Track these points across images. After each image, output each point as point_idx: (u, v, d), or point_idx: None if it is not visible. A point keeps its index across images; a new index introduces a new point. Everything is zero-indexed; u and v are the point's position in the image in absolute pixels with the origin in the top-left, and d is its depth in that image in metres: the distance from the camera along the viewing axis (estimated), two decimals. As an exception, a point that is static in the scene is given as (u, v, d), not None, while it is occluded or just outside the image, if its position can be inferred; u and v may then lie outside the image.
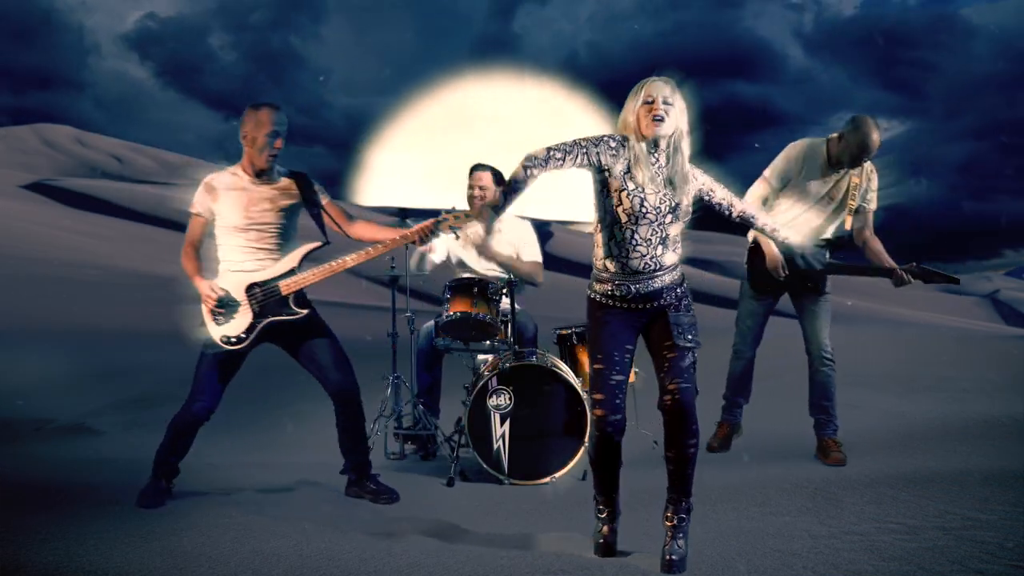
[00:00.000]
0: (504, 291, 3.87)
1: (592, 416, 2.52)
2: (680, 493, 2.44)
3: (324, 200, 3.36)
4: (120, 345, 8.77)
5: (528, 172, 2.36)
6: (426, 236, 3.21)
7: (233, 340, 3.21)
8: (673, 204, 2.44)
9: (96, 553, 2.52)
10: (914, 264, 3.69)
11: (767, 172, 3.87)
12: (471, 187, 4.25)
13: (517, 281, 3.98)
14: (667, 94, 2.41)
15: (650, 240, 2.44)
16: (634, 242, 2.44)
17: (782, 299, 4.04)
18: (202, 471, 3.75)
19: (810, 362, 3.90)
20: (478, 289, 3.82)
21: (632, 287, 2.46)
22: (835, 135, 3.77)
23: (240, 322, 3.22)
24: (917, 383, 6.14)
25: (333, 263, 3.23)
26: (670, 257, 2.48)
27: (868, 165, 3.83)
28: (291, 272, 3.24)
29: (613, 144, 2.43)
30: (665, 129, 2.40)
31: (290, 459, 4.30)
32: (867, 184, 3.83)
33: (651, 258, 2.44)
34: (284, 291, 3.23)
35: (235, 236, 3.25)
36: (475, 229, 4.27)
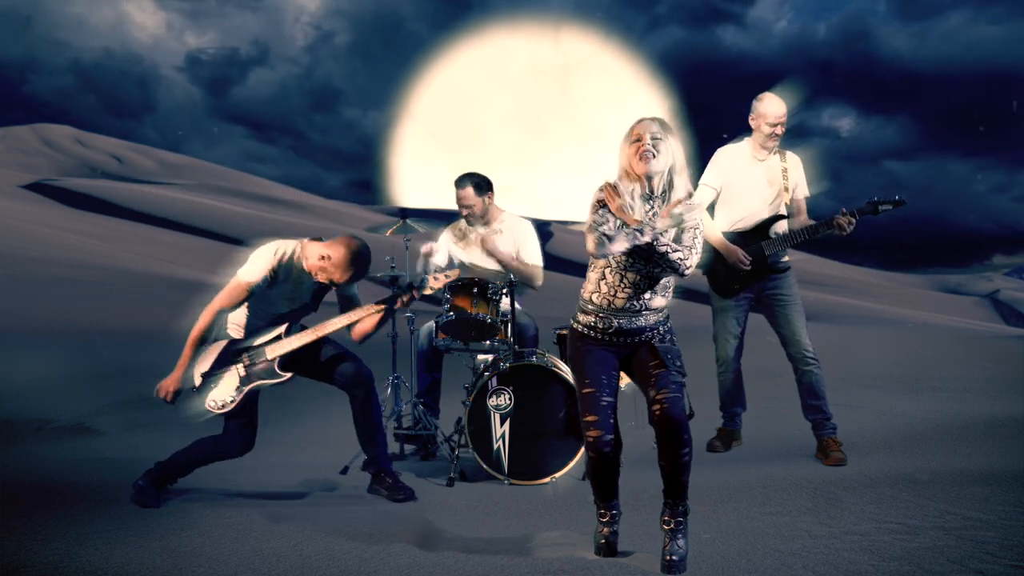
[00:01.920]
0: (504, 291, 3.87)
1: (587, 438, 2.51)
2: (676, 498, 2.44)
3: (348, 294, 3.43)
4: (120, 345, 8.76)
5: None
6: (385, 316, 3.33)
7: (219, 406, 3.24)
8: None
9: (96, 553, 2.52)
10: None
11: (704, 178, 4.06)
12: (459, 205, 4.31)
13: (517, 282, 3.98)
14: (654, 131, 2.40)
15: (638, 284, 2.45)
16: (622, 285, 2.46)
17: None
18: (202, 471, 3.75)
19: (794, 365, 3.91)
20: (478, 289, 3.82)
21: (615, 321, 2.48)
22: (750, 124, 3.99)
23: (227, 386, 3.24)
24: (917, 383, 6.14)
25: (320, 326, 3.29)
26: (658, 301, 2.48)
27: (792, 155, 4.04)
28: (277, 337, 3.28)
29: (603, 209, 2.45)
30: (655, 166, 2.40)
31: (290, 459, 4.29)
32: (795, 171, 4.03)
33: (637, 300, 2.46)
34: (270, 355, 3.26)
35: (272, 318, 3.30)
36: (481, 231, 4.30)
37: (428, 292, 3.37)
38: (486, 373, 3.77)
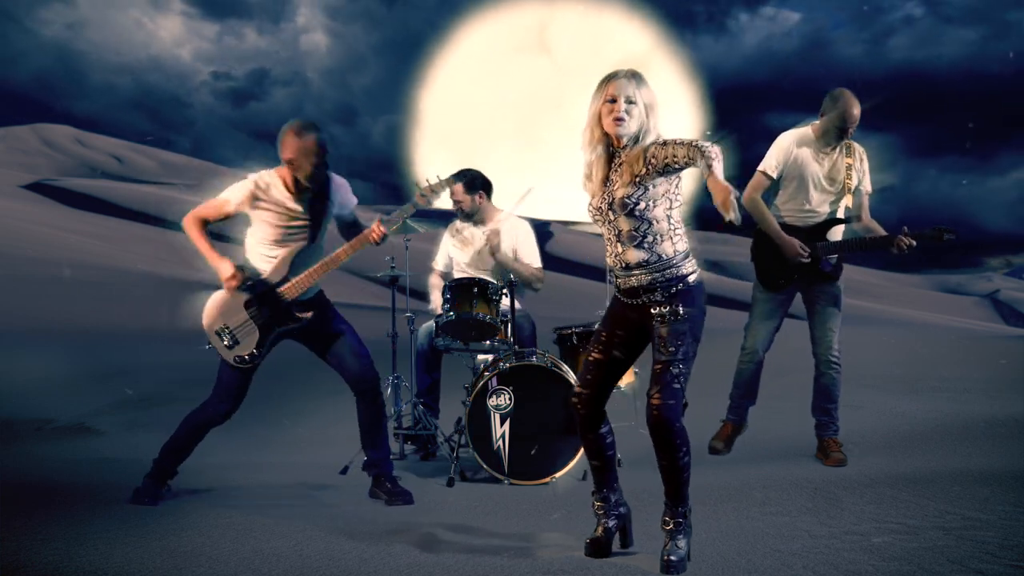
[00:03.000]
0: (504, 291, 3.87)
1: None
2: (675, 500, 2.42)
3: (349, 220, 3.39)
4: (120, 345, 8.76)
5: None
6: (401, 226, 3.30)
7: (247, 359, 3.23)
8: (609, 200, 2.41)
9: (96, 553, 2.52)
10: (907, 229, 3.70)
11: (762, 166, 3.91)
12: (452, 200, 4.34)
13: (517, 281, 3.98)
14: (630, 93, 2.36)
15: (610, 239, 2.45)
16: (605, 241, 2.48)
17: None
18: (202, 471, 3.75)
19: (816, 364, 3.88)
20: (478, 289, 3.82)
21: (617, 279, 2.49)
22: (819, 118, 3.84)
23: (250, 340, 3.23)
24: (917, 383, 6.14)
25: (324, 260, 3.24)
26: (634, 254, 2.39)
27: (858, 148, 3.90)
28: (284, 279, 3.24)
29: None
30: (626, 129, 2.37)
31: (290, 459, 4.30)
32: (860, 165, 3.89)
33: (616, 256, 2.45)
34: (285, 299, 3.24)
35: (269, 247, 3.26)
36: (480, 231, 4.31)
37: (421, 203, 3.33)
38: (486, 373, 3.77)
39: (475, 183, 4.28)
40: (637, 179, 2.35)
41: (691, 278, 2.41)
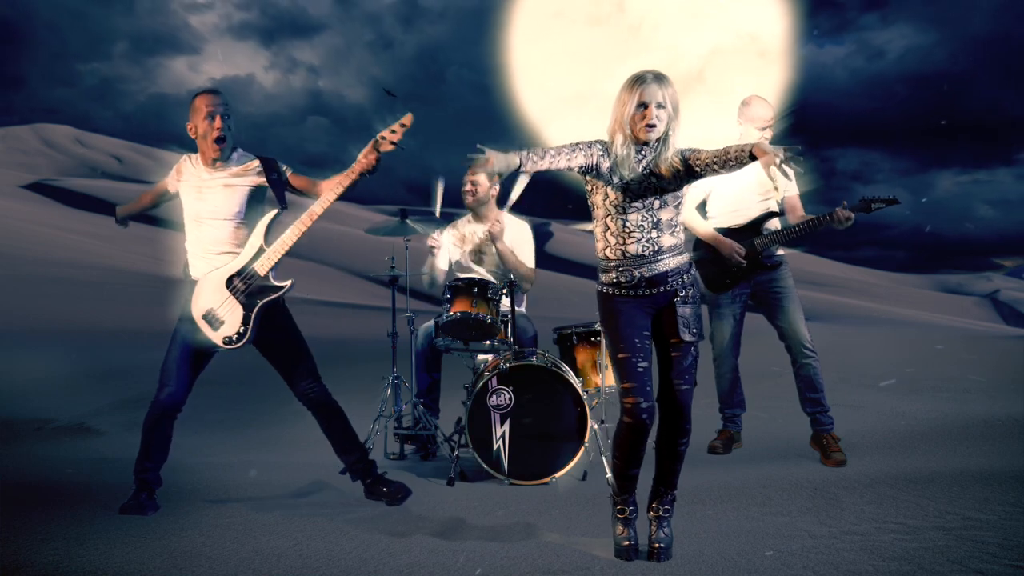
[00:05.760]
0: (504, 291, 3.87)
1: (624, 405, 2.47)
2: (666, 486, 2.50)
3: (288, 173, 3.33)
4: (120, 345, 8.77)
5: (526, 156, 2.38)
6: (374, 164, 3.18)
7: (235, 339, 3.17)
8: (658, 190, 2.46)
9: (96, 553, 2.52)
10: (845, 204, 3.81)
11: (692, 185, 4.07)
12: (464, 183, 4.33)
13: (517, 281, 3.98)
14: (660, 99, 2.42)
15: (642, 226, 2.46)
16: (627, 230, 2.46)
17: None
18: (202, 471, 3.76)
19: (792, 358, 3.92)
20: (478, 289, 3.82)
21: (636, 272, 2.47)
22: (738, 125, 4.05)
23: (234, 318, 3.17)
24: (917, 383, 6.14)
25: (300, 221, 3.18)
26: (668, 240, 2.48)
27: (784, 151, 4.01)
28: (261, 251, 3.20)
29: (601, 148, 2.49)
30: (656, 133, 2.45)
31: (290, 459, 4.29)
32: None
33: (647, 241, 2.46)
34: (262, 272, 3.18)
35: (194, 230, 3.27)
36: (480, 230, 4.32)
37: (385, 149, 3.17)
38: (486, 373, 3.78)
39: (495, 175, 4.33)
40: (679, 178, 2.47)
41: (691, 266, 2.56)
